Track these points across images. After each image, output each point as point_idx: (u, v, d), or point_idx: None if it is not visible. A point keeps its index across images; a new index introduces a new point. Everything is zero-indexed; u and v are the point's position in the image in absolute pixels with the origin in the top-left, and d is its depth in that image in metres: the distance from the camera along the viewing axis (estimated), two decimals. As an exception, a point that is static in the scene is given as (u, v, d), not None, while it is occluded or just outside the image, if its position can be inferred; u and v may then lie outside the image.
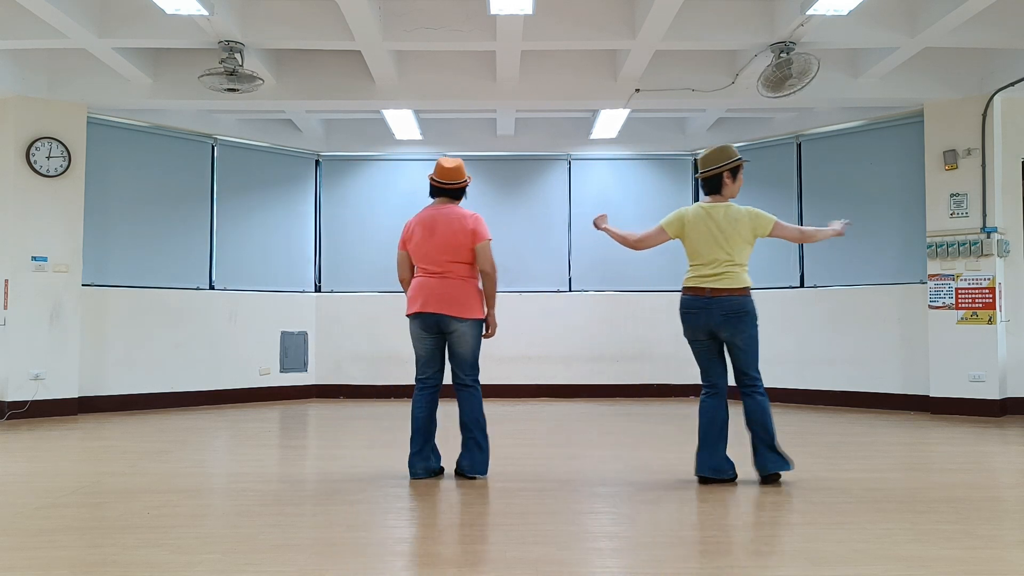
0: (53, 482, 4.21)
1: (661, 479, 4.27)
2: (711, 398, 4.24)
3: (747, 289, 4.20)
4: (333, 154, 9.21)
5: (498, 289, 4.37)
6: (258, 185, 8.72)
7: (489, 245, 4.27)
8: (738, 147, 8.72)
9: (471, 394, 4.30)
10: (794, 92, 6.51)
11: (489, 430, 4.37)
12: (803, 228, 4.56)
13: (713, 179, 4.31)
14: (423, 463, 4.26)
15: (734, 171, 4.29)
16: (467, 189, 4.44)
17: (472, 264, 4.26)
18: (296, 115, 8.34)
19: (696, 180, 9.11)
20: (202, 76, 6.35)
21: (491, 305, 4.30)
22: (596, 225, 4.70)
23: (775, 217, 4.26)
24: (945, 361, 7.09)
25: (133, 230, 7.81)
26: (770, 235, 4.25)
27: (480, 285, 4.30)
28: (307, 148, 9.08)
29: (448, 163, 4.35)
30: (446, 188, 4.35)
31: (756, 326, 4.20)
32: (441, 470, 4.37)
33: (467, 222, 4.24)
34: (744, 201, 9.30)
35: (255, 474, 4.50)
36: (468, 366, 4.31)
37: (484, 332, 4.34)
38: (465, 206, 4.44)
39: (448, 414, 4.51)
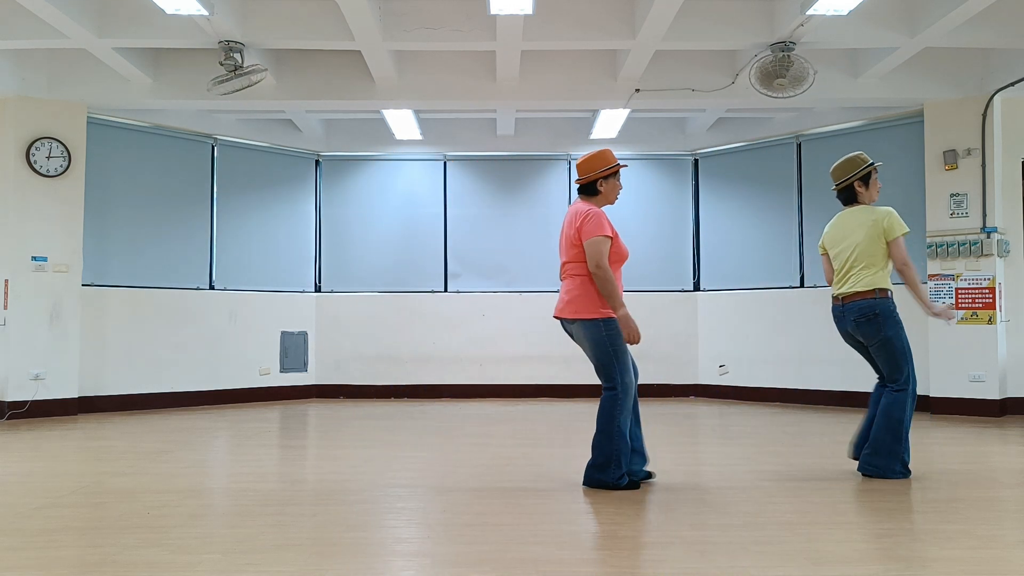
0: (53, 482, 4.21)
1: (661, 479, 4.27)
2: (879, 388, 4.39)
3: (878, 290, 4.22)
4: (333, 154, 9.21)
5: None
6: (258, 185, 8.72)
7: (599, 242, 3.92)
8: (738, 147, 8.76)
9: (603, 398, 4.01)
10: (784, 96, 6.51)
11: (490, 430, 4.35)
12: (912, 278, 4.26)
13: (846, 191, 4.40)
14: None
15: (865, 179, 4.35)
16: (597, 184, 4.09)
17: (585, 263, 3.98)
18: (296, 115, 8.34)
19: (695, 180, 9.13)
20: (211, 88, 6.36)
21: (612, 306, 3.91)
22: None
23: (905, 231, 4.24)
24: (945, 361, 7.09)
25: (133, 230, 7.81)
26: (888, 242, 4.25)
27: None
28: (307, 148, 9.08)
29: (581, 157, 4.16)
30: (578, 184, 4.18)
31: (892, 328, 4.21)
32: (642, 478, 4.15)
33: (579, 219, 3.99)
34: (745, 201, 9.28)
35: (255, 474, 4.50)
36: (597, 370, 4.03)
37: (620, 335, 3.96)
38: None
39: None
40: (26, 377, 6.95)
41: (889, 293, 4.25)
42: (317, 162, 9.21)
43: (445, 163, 9.25)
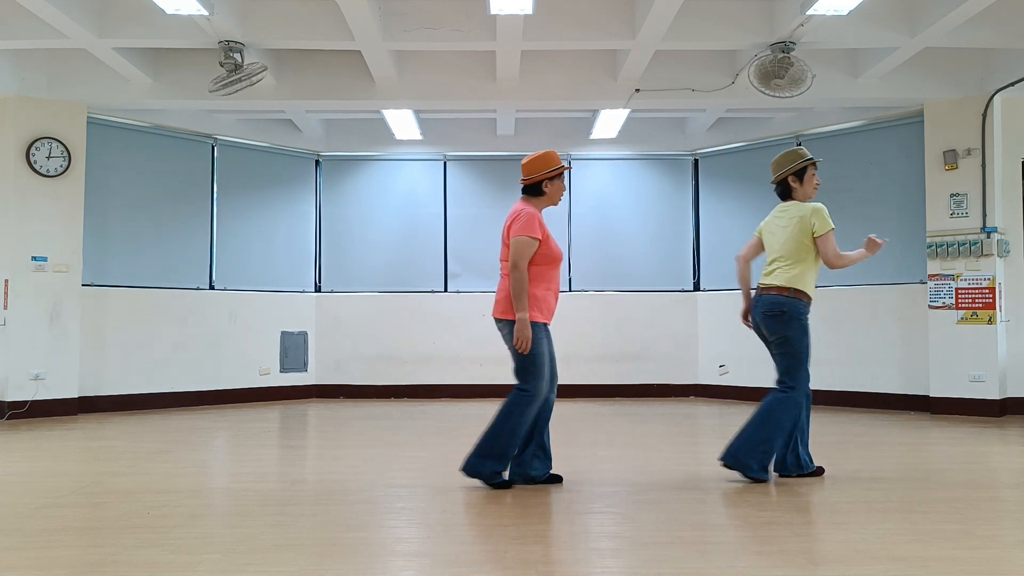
0: (53, 482, 4.21)
1: (661, 479, 4.27)
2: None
3: (792, 290, 4.13)
4: (333, 154, 9.21)
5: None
6: (258, 185, 8.72)
7: (523, 242, 3.91)
8: (738, 147, 8.75)
9: (512, 395, 4.00)
10: (781, 96, 6.51)
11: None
12: (846, 261, 4.13)
13: (781, 185, 4.35)
14: (515, 468, 4.12)
15: (799, 175, 4.28)
16: (543, 185, 4.08)
17: None
18: (296, 115, 8.34)
19: (695, 180, 9.13)
20: (213, 91, 6.35)
21: (516, 307, 3.88)
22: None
23: (831, 227, 4.12)
24: (945, 361, 7.09)
25: (133, 230, 7.81)
26: (814, 239, 4.15)
27: (535, 288, 3.99)
28: (307, 148, 9.08)
29: (526, 158, 4.15)
30: (523, 184, 4.16)
31: (796, 330, 4.12)
32: (544, 478, 4.16)
33: (511, 219, 4.02)
34: (744, 201, 9.27)
35: (255, 474, 4.50)
36: (515, 371, 4.01)
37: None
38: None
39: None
40: (26, 377, 6.95)
41: (806, 298, 4.15)
42: (317, 162, 9.21)
43: (445, 163, 9.25)
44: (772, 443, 4.13)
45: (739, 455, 4.14)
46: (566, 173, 4.23)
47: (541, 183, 4.12)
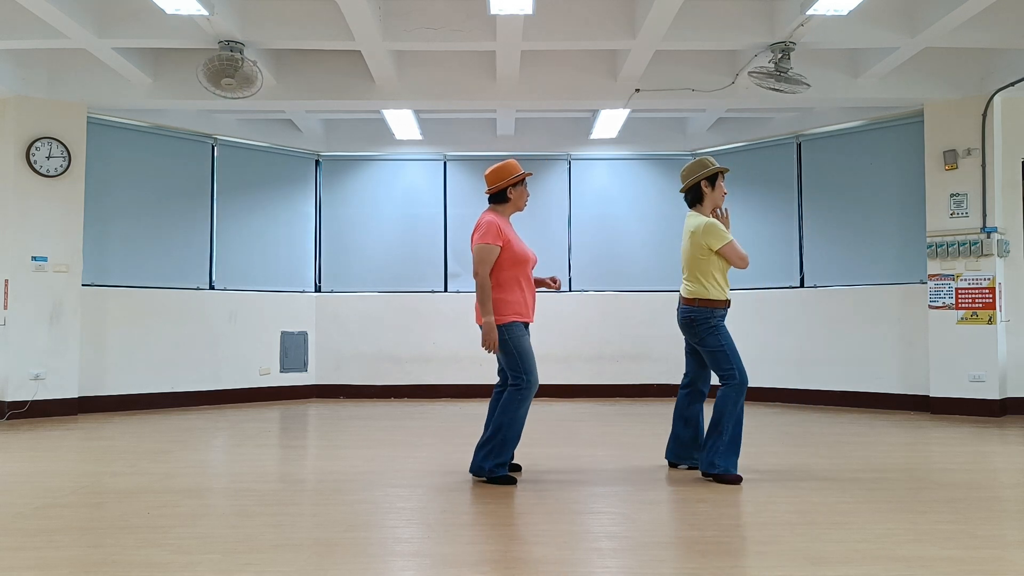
0: (53, 482, 4.22)
1: (661, 479, 4.27)
2: (682, 389, 4.66)
3: (696, 300, 4.30)
4: (333, 154, 9.21)
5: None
6: (258, 185, 8.72)
7: (480, 249, 4.15)
8: (738, 147, 8.76)
9: (509, 391, 4.20)
10: (771, 91, 6.53)
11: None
12: (744, 256, 4.33)
13: (692, 191, 4.47)
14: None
15: (711, 180, 4.40)
16: (507, 192, 4.36)
17: None
18: (296, 115, 8.34)
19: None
20: (201, 75, 6.31)
21: (482, 311, 4.15)
22: None
23: (728, 239, 4.29)
24: (945, 361, 7.09)
25: (133, 230, 7.81)
26: (717, 254, 4.30)
27: (501, 292, 4.21)
28: (307, 148, 9.08)
29: (488, 169, 4.41)
30: (488, 194, 4.41)
31: (707, 334, 4.29)
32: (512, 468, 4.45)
33: (474, 229, 4.29)
34: (745, 201, 9.28)
35: (255, 474, 4.50)
36: (507, 369, 4.23)
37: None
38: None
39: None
40: (26, 377, 6.95)
41: (715, 305, 4.28)
42: (317, 162, 9.21)
43: (445, 163, 9.25)
44: (736, 435, 4.26)
45: (713, 460, 4.21)
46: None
47: (505, 191, 4.38)
